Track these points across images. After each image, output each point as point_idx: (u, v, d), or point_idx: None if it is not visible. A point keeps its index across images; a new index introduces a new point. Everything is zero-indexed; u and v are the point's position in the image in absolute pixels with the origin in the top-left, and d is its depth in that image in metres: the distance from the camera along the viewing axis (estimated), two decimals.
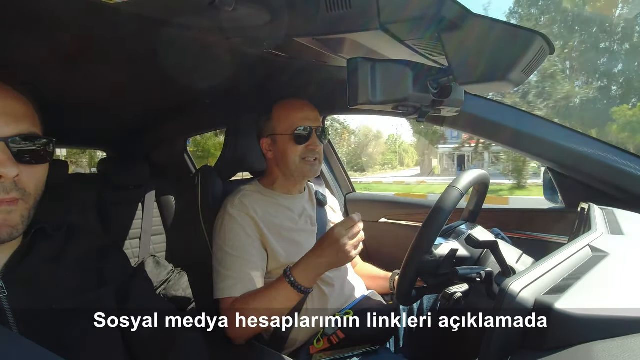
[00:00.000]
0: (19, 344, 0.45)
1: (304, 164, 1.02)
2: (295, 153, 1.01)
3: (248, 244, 0.94)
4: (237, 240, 0.94)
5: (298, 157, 1.01)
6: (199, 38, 0.84)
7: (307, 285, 0.86)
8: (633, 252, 0.54)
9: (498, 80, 0.60)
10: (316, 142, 1.02)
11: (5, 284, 0.55)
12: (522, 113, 1.06)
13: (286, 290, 0.86)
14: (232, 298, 0.89)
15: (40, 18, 0.73)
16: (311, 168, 1.02)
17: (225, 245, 0.94)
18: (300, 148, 1.01)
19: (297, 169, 1.02)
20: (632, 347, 0.33)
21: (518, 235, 1.14)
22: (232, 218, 0.95)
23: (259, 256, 0.95)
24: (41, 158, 0.57)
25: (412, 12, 0.60)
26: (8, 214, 0.54)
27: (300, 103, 1.05)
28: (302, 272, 0.86)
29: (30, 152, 0.56)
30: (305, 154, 1.01)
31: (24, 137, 0.55)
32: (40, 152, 0.57)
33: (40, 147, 0.57)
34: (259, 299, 0.88)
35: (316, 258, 0.86)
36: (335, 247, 0.83)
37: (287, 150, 1.02)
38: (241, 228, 0.95)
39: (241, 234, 0.94)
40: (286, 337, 0.95)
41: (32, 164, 0.56)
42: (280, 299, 0.86)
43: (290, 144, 1.01)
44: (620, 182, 0.96)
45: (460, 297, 0.66)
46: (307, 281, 0.86)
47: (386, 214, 1.49)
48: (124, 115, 1.70)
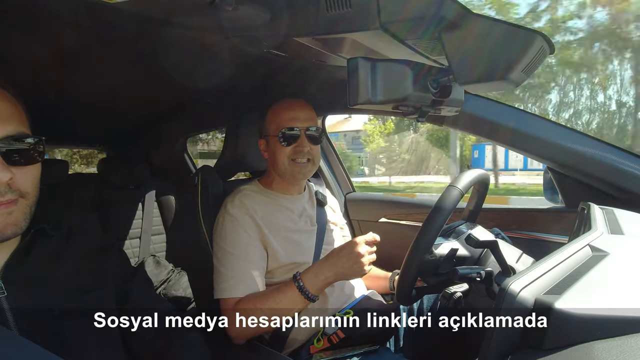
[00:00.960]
0: (19, 343, 0.45)
1: (293, 165, 1.00)
2: (284, 154, 1.00)
3: (248, 244, 0.94)
4: (238, 239, 0.93)
5: (287, 159, 1.00)
6: (199, 37, 0.84)
7: (314, 292, 0.86)
8: (633, 252, 0.54)
9: (498, 80, 0.60)
10: (304, 142, 0.99)
11: (4, 284, 0.55)
12: (522, 113, 1.06)
13: (293, 295, 0.86)
14: (234, 299, 0.89)
15: (41, 18, 0.73)
16: (300, 169, 1.00)
17: (225, 244, 0.94)
18: (287, 149, 0.99)
19: (287, 170, 1.01)
20: (632, 347, 0.33)
21: (518, 235, 1.14)
22: (232, 218, 0.95)
23: (259, 255, 0.94)
24: (32, 158, 0.56)
25: (412, 12, 0.60)
26: (9, 215, 0.54)
27: (289, 103, 1.03)
28: (312, 279, 0.86)
29: (21, 153, 0.54)
30: (294, 155, 0.99)
31: (12, 138, 0.53)
32: (31, 152, 0.55)
33: (30, 146, 0.55)
34: (264, 300, 0.88)
35: (329, 266, 0.86)
36: (353, 258, 0.84)
37: (276, 152, 1.01)
38: (241, 227, 0.94)
39: (241, 233, 0.94)
40: (286, 337, 0.95)
41: (24, 165, 0.55)
42: (286, 302, 0.86)
43: (278, 144, 1.00)
44: (620, 182, 0.96)
45: (460, 296, 0.66)
46: (316, 288, 0.86)
47: (386, 214, 1.49)
48: (124, 115, 1.70)
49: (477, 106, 1.06)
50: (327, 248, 1.07)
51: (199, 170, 1.10)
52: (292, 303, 0.86)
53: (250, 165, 1.16)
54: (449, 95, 0.72)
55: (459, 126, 1.11)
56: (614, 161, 0.97)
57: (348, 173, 1.66)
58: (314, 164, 1.03)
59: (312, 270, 0.88)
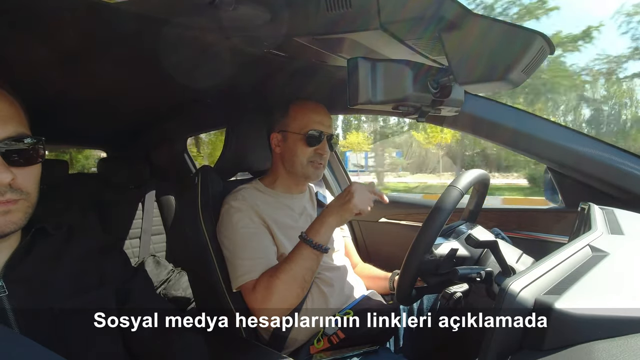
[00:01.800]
0: (20, 343, 0.45)
1: (310, 166, 1.03)
2: (304, 154, 1.02)
3: (255, 229, 0.95)
4: (245, 227, 0.95)
5: (306, 159, 1.03)
6: (199, 37, 0.84)
7: (323, 243, 0.89)
8: (633, 252, 0.54)
9: (498, 80, 0.60)
10: (325, 147, 1.03)
11: (5, 284, 0.55)
12: (522, 113, 1.06)
13: (306, 252, 0.89)
14: (253, 281, 0.90)
15: (41, 17, 0.73)
16: (315, 171, 1.04)
17: (234, 234, 0.94)
18: (309, 150, 1.02)
19: (303, 169, 1.03)
20: (632, 347, 0.33)
21: (518, 235, 1.14)
22: (236, 209, 0.97)
23: (268, 239, 0.96)
24: (32, 159, 0.56)
25: (412, 12, 0.60)
26: (7, 214, 0.53)
27: (319, 107, 1.06)
28: (317, 229, 0.90)
29: (21, 154, 0.54)
30: (314, 157, 1.03)
31: (12, 138, 0.53)
32: (31, 152, 0.55)
33: (30, 147, 0.55)
34: (281, 269, 0.89)
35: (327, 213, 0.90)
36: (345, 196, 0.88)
37: (296, 150, 1.03)
38: (247, 216, 0.96)
39: (247, 222, 0.96)
40: (286, 337, 0.95)
41: (25, 165, 0.55)
42: (302, 262, 0.88)
43: (301, 143, 1.02)
44: (620, 182, 0.96)
45: (460, 297, 0.66)
46: (324, 238, 0.89)
47: (386, 214, 1.49)
48: (124, 114, 1.70)
49: (477, 106, 1.06)
50: (327, 247, 1.07)
51: (199, 170, 1.09)
52: (307, 260, 0.89)
53: (251, 165, 1.16)
54: (449, 95, 0.72)
55: (459, 126, 1.11)
56: (614, 161, 0.97)
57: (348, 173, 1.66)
58: (324, 168, 1.07)
59: (314, 224, 0.91)
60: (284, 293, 0.87)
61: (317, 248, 0.88)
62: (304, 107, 1.05)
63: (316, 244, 0.88)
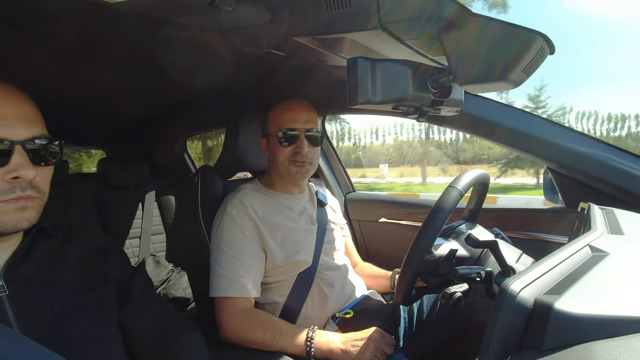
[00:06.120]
0: (20, 342, 0.45)
1: (292, 165, 1.00)
2: (283, 154, 1.00)
3: (244, 245, 0.94)
4: (234, 240, 0.94)
5: (286, 159, 1.00)
6: (198, 37, 0.84)
7: (316, 349, 0.85)
8: (633, 252, 0.54)
9: (497, 80, 0.59)
10: (302, 144, 0.99)
11: (6, 283, 0.55)
12: (522, 113, 1.05)
13: (299, 339, 0.86)
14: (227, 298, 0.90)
15: (41, 18, 0.73)
16: (298, 170, 1.01)
17: (222, 244, 0.94)
18: (287, 150, 1.00)
19: (286, 170, 1.01)
20: (632, 347, 0.33)
21: (518, 235, 1.13)
22: (231, 218, 0.95)
23: (255, 256, 0.94)
24: (51, 159, 0.59)
25: (412, 11, 0.60)
26: (24, 209, 0.56)
27: (291, 104, 1.03)
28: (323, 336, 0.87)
29: (43, 154, 0.58)
30: (293, 156, 1.00)
31: (37, 139, 0.57)
32: (52, 153, 0.59)
33: (51, 148, 0.59)
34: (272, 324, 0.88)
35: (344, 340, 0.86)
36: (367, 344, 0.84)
37: (276, 152, 1.01)
38: (239, 229, 0.94)
39: (238, 234, 0.94)
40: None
41: (45, 165, 0.58)
42: (288, 339, 0.86)
43: (278, 145, 1.00)
44: (620, 182, 0.96)
45: (460, 297, 0.66)
46: (320, 348, 0.85)
47: (386, 214, 1.49)
48: (124, 115, 1.70)
49: (477, 106, 1.06)
50: (328, 246, 1.07)
51: (199, 170, 1.10)
52: (292, 343, 0.86)
53: (250, 164, 1.16)
54: (449, 95, 0.72)
55: (459, 126, 1.11)
56: (614, 161, 0.97)
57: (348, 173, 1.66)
58: (312, 165, 1.03)
59: (327, 333, 0.88)
60: (255, 340, 0.86)
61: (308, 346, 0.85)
62: (278, 108, 1.03)
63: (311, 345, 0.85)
